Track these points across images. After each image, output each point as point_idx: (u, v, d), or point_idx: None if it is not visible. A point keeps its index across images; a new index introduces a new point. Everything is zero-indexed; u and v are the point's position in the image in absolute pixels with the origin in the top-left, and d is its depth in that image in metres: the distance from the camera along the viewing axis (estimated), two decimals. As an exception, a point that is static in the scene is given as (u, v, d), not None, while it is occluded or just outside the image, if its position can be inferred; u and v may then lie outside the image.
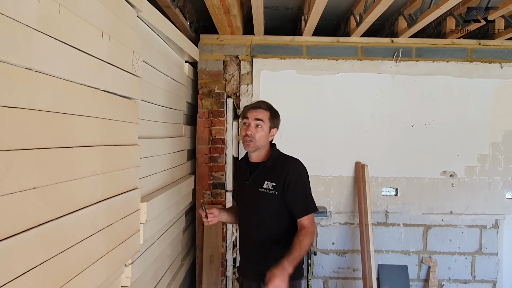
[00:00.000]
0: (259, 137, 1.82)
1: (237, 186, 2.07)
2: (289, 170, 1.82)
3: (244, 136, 1.84)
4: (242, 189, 1.94)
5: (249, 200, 1.88)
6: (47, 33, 1.02)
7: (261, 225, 1.85)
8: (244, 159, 1.99)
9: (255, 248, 1.88)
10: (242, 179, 1.95)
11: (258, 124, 1.82)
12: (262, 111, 1.85)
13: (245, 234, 1.94)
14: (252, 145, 1.82)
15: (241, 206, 1.97)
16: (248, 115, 1.85)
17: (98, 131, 1.36)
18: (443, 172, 3.22)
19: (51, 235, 1.06)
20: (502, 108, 3.19)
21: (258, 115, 1.83)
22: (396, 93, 3.20)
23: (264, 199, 1.82)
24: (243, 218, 1.95)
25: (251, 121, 1.82)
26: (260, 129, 1.82)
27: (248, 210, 1.90)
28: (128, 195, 1.62)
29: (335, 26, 3.57)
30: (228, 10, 2.49)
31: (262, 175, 1.84)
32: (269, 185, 1.81)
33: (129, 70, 1.61)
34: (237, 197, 2.05)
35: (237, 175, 2.08)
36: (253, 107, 1.87)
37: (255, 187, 1.84)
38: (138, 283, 1.86)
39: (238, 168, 2.09)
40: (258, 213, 1.86)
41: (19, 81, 0.92)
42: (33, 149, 0.98)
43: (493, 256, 3.24)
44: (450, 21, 3.05)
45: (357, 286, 3.23)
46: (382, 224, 3.24)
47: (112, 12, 1.43)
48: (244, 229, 1.94)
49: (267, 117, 1.85)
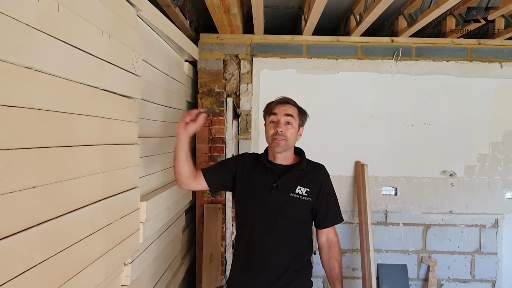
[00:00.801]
0: (290, 135, 1.64)
1: (249, 187, 1.72)
2: (325, 176, 1.71)
3: (273, 134, 1.63)
4: (261, 192, 1.66)
5: (274, 205, 1.63)
6: (47, 32, 1.02)
7: (286, 234, 1.63)
8: (260, 159, 1.74)
9: (270, 260, 1.62)
10: (261, 180, 1.68)
11: (288, 120, 1.63)
12: (291, 107, 1.67)
13: (256, 242, 1.65)
14: (283, 144, 1.62)
15: (255, 211, 1.67)
16: (276, 111, 1.65)
17: (98, 130, 1.36)
18: (443, 171, 3.22)
19: (51, 234, 1.06)
20: (502, 107, 3.19)
21: (288, 111, 1.64)
22: (396, 93, 3.20)
23: (294, 206, 1.63)
24: (257, 224, 1.65)
25: (280, 117, 1.63)
26: (291, 127, 1.64)
27: (269, 216, 1.63)
28: (128, 194, 1.62)
29: (335, 25, 3.57)
30: (228, 9, 2.49)
31: (295, 179, 1.66)
32: (302, 191, 1.63)
33: (129, 69, 1.61)
34: (247, 200, 1.71)
35: (248, 174, 1.74)
36: (281, 102, 1.68)
37: (285, 192, 1.63)
38: (138, 282, 1.86)
39: (249, 166, 1.76)
40: (284, 220, 1.63)
41: (18, 80, 0.92)
42: (33, 148, 0.98)
43: (492, 255, 3.24)
44: (450, 21, 3.05)
45: (357, 285, 3.23)
46: (382, 223, 3.24)
47: (112, 11, 1.43)
48: (257, 237, 1.65)
49: (297, 113, 1.68)
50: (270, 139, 1.66)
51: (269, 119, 1.68)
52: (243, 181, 1.74)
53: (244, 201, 1.74)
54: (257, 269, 1.63)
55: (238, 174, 1.75)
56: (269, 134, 1.67)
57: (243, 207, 1.75)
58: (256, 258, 1.64)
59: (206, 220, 3.14)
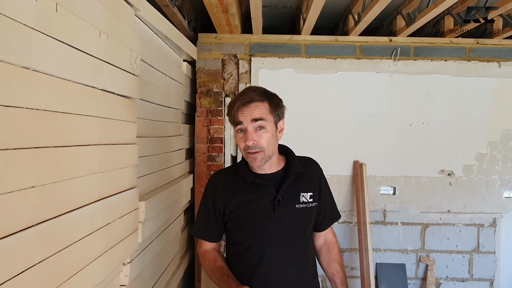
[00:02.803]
0: (266, 143, 1.30)
1: (245, 213, 1.37)
2: (319, 171, 1.49)
3: (245, 148, 1.30)
4: (262, 214, 1.35)
5: (279, 224, 1.35)
6: (45, 32, 1.02)
7: (299, 255, 1.38)
8: (238, 174, 1.39)
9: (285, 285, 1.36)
10: (256, 200, 1.36)
11: (258, 125, 1.29)
12: (259, 104, 1.30)
13: (264, 272, 1.35)
14: (260, 157, 1.30)
15: (255, 239, 1.37)
16: (241, 118, 1.28)
17: (96, 130, 1.36)
18: (441, 171, 3.23)
19: (49, 234, 1.06)
20: (500, 107, 3.20)
21: (255, 113, 1.28)
22: (394, 92, 3.20)
23: (303, 217, 1.38)
24: (261, 252, 1.35)
25: (247, 125, 1.28)
26: (264, 131, 1.29)
27: (276, 240, 1.35)
28: (126, 194, 1.62)
29: (333, 25, 3.57)
30: (227, 9, 2.49)
31: (295, 186, 1.39)
32: (306, 197, 1.38)
33: (127, 69, 1.61)
34: (247, 228, 1.38)
35: (235, 199, 1.38)
36: (243, 103, 1.29)
37: (290, 205, 1.35)
38: (137, 281, 1.86)
39: (229, 190, 1.39)
40: (291, 238, 1.36)
41: (16, 80, 0.92)
42: (31, 148, 0.98)
43: (490, 254, 3.25)
44: (448, 20, 3.05)
45: (355, 284, 3.24)
46: (380, 222, 3.25)
47: (110, 10, 1.43)
48: (262, 266, 1.35)
49: (268, 111, 1.31)
50: (244, 154, 1.33)
51: (235, 129, 1.33)
52: (235, 209, 1.38)
53: (243, 229, 1.40)
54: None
55: (226, 208, 1.40)
56: (240, 147, 1.33)
57: (244, 237, 1.41)
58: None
59: (205, 220, 3.13)
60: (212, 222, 1.44)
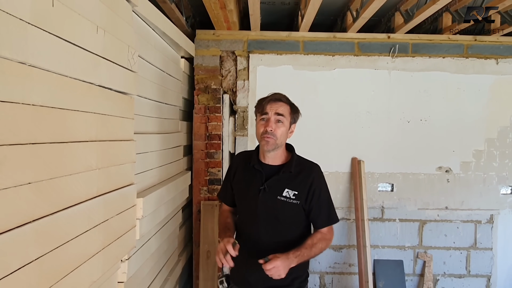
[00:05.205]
0: (280, 134, 1.62)
1: (240, 189, 1.78)
2: (314, 178, 1.67)
3: (263, 132, 1.62)
4: (251, 194, 1.69)
5: (262, 208, 1.66)
6: (41, 27, 1.01)
7: (276, 235, 1.67)
8: (251, 158, 1.74)
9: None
10: (250, 182, 1.71)
11: (279, 119, 1.62)
12: (283, 105, 1.65)
13: (251, 243, 1.69)
14: (272, 142, 1.61)
15: (246, 213, 1.76)
16: (268, 109, 1.63)
17: (94, 126, 1.35)
18: (439, 167, 3.24)
19: (46, 231, 1.05)
20: (498, 104, 3.21)
21: (279, 109, 1.63)
22: (393, 89, 3.20)
23: (283, 209, 1.64)
24: (249, 226, 1.72)
25: (270, 115, 1.62)
26: (281, 125, 1.63)
27: (259, 218, 1.67)
28: (124, 190, 1.62)
29: (331, 21, 3.57)
30: (224, 5, 2.48)
31: (283, 181, 1.65)
32: (290, 194, 1.63)
33: (125, 65, 1.60)
34: (240, 201, 1.79)
35: (240, 175, 1.79)
36: (273, 100, 1.65)
37: (272, 194, 1.65)
38: (135, 278, 1.86)
39: (242, 167, 1.79)
40: (273, 223, 1.66)
41: (13, 75, 0.91)
42: (28, 144, 0.97)
43: (487, 251, 3.27)
44: (446, 17, 3.05)
45: (353, 281, 3.25)
46: (378, 219, 3.25)
47: (107, 6, 1.42)
48: (251, 238, 1.70)
49: (288, 112, 1.66)
50: (260, 137, 1.65)
51: (259, 116, 1.67)
52: (237, 183, 1.80)
53: (238, 201, 1.81)
54: (251, 267, 1.63)
55: (234, 180, 1.82)
56: (259, 132, 1.66)
57: (239, 207, 1.82)
58: (249, 257, 1.63)
59: (203, 217, 3.14)
60: (228, 188, 1.85)
